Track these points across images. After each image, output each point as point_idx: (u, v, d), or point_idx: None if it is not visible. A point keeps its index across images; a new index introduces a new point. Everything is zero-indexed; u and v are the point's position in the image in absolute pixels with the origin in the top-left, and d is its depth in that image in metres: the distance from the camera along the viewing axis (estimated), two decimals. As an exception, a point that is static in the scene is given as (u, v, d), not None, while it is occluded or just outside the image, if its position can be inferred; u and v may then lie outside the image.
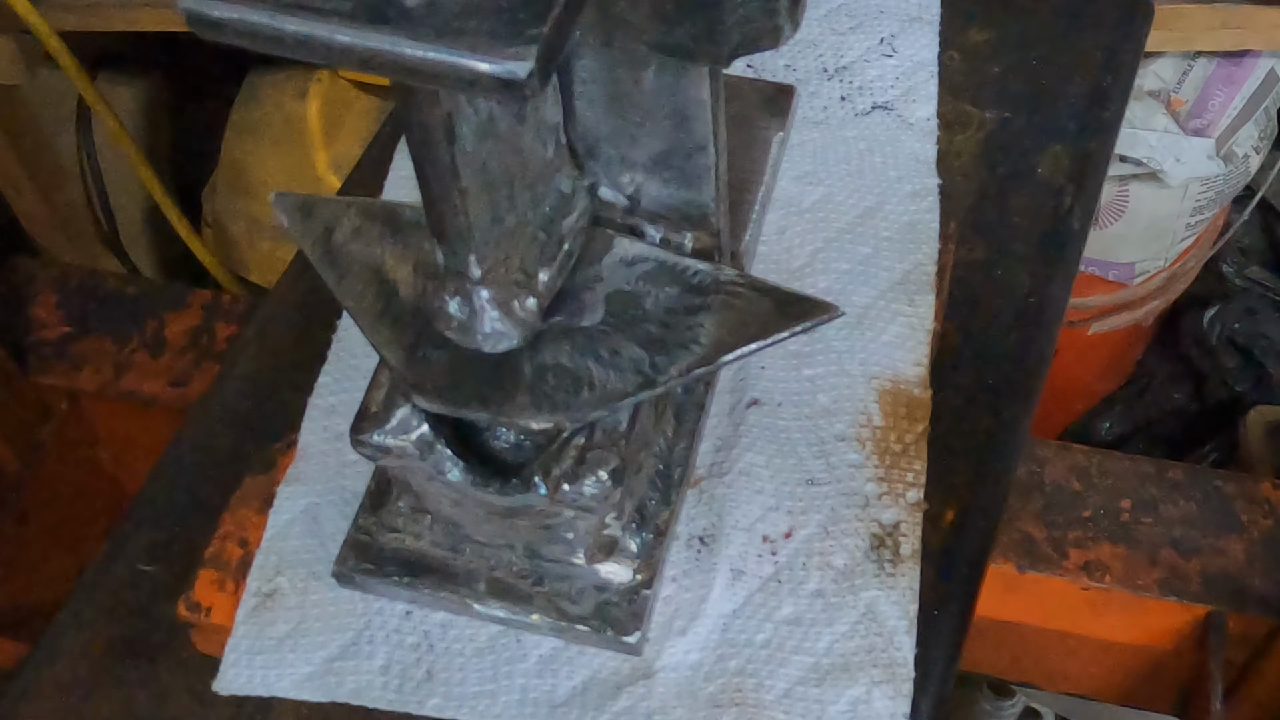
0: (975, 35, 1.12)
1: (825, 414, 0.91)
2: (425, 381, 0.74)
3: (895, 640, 0.83)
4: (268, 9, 0.53)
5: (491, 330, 0.72)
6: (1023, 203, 1.03)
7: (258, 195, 2.02)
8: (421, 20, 0.53)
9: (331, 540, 0.88)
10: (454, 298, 0.71)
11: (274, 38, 0.54)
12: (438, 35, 0.52)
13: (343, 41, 0.53)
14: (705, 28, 0.69)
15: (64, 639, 0.91)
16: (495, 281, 0.70)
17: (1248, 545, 1.27)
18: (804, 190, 1.01)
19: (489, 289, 0.70)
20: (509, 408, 0.73)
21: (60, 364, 1.43)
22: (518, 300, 0.72)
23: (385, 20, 0.53)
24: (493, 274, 0.70)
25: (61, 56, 1.79)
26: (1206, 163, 1.88)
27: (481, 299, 0.71)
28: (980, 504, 0.90)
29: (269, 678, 0.85)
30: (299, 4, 0.53)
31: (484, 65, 0.52)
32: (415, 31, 0.52)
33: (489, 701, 0.83)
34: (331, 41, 0.53)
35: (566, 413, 0.73)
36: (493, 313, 0.71)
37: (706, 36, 0.69)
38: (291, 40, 0.53)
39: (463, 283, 0.70)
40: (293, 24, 0.53)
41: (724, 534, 0.87)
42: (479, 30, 0.52)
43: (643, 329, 0.76)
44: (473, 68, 0.52)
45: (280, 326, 1.02)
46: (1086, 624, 1.29)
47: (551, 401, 0.73)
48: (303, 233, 0.80)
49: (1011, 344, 0.96)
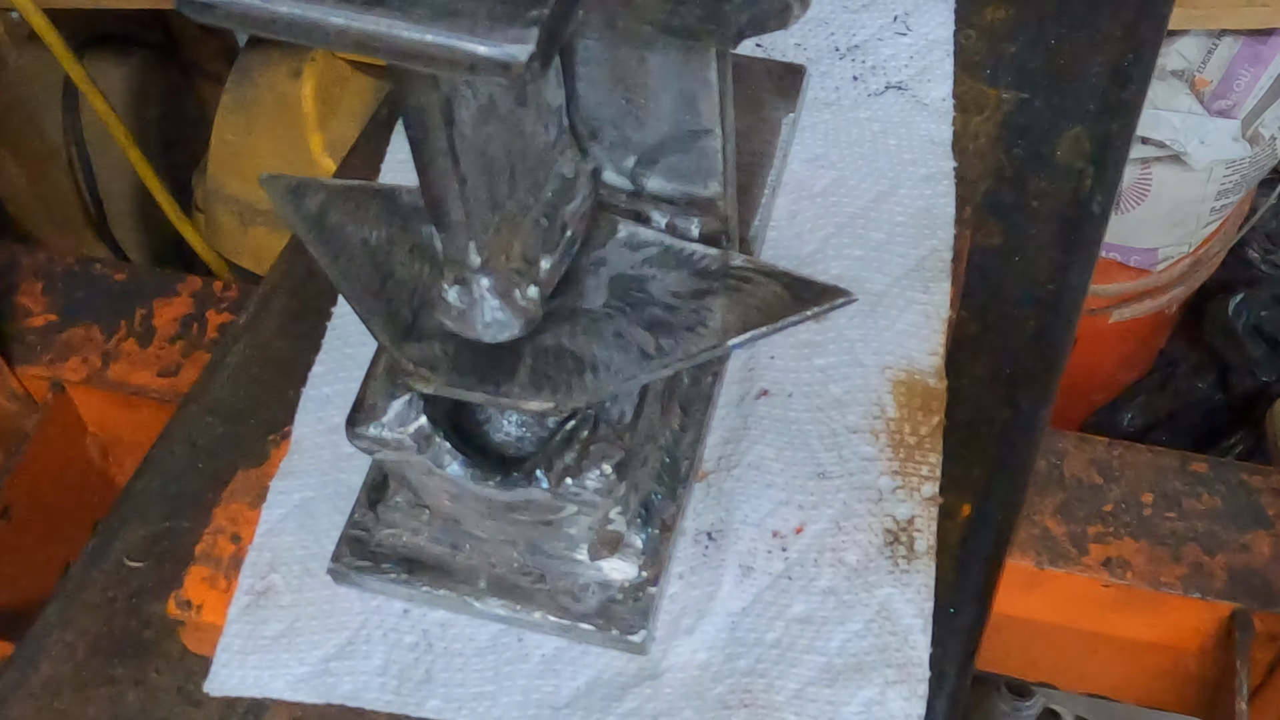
0: (992, 12, 1.12)
1: (837, 405, 0.91)
2: (421, 363, 0.74)
3: (910, 639, 0.83)
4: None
5: (492, 319, 0.72)
6: (1041, 186, 1.03)
7: (250, 178, 2.02)
8: (418, 1, 0.53)
9: (327, 536, 0.88)
10: (453, 286, 0.71)
11: (267, 20, 0.54)
12: (435, 16, 0.52)
13: (337, 23, 0.53)
14: (712, 7, 0.69)
15: (50, 637, 0.91)
16: (495, 269, 0.71)
17: (1274, 541, 1.27)
18: (815, 174, 1.01)
19: (489, 277, 0.70)
20: (508, 388, 0.73)
21: (46, 354, 1.43)
22: (519, 289, 0.72)
23: (381, 1, 0.53)
24: (493, 262, 0.70)
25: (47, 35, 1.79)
26: (1232, 144, 1.88)
27: (481, 287, 0.71)
28: (997, 498, 0.90)
29: (262, 678, 0.86)
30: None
31: (482, 48, 0.52)
32: (412, 13, 0.52)
33: (490, 703, 0.83)
34: (326, 23, 0.53)
35: (568, 394, 0.73)
36: (493, 301, 0.71)
37: (713, 17, 0.69)
38: (285, 22, 0.53)
39: (462, 271, 0.70)
40: (286, 5, 0.53)
41: (732, 529, 0.87)
42: (477, 11, 0.52)
43: (648, 312, 0.76)
44: (471, 50, 0.52)
45: (273, 315, 1.02)
46: (1107, 622, 1.29)
47: (552, 383, 0.73)
48: (295, 214, 0.80)
49: (1029, 332, 0.96)
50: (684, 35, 0.72)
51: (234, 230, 2.07)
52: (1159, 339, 2.44)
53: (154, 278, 1.47)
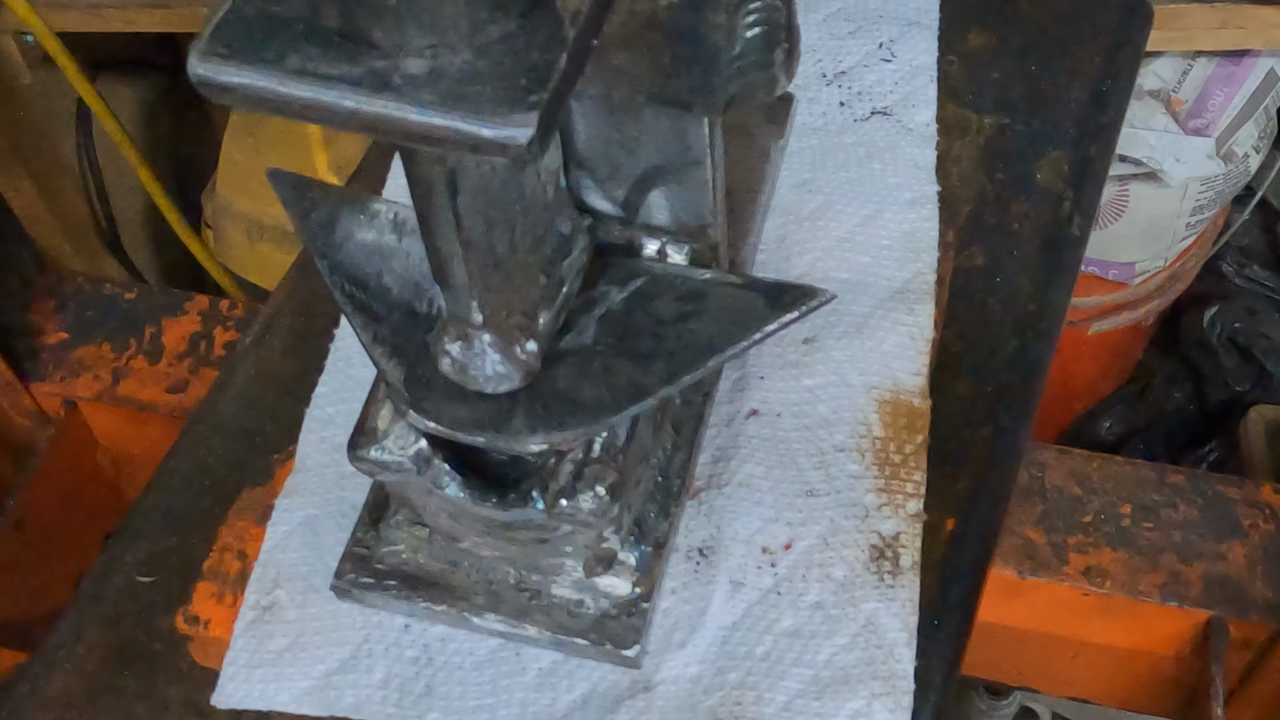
0: (974, 40, 1.12)
1: (825, 424, 0.91)
2: (423, 403, 0.74)
3: (895, 652, 0.82)
4: (275, 75, 0.54)
5: (493, 373, 0.72)
6: (1022, 209, 1.03)
7: (258, 196, 2.02)
8: (425, 85, 0.53)
9: (330, 553, 0.88)
10: (456, 341, 0.72)
11: (281, 103, 0.55)
12: (441, 101, 0.53)
13: (348, 107, 0.54)
14: (702, 81, 0.70)
15: (62, 649, 0.91)
16: (497, 326, 0.71)
17: (1249, 550, 1.27)
18: (803, 198, 1.01)
19: (490, 333, 0.71)
20: (506, 432, 0.73)
21: (58, 371, 1.43)
22: (519, 344, 0.72)
23: (390, 86, 0.54)
24: (494, 318, 0.71)
25: (61, 58, 1.79)
26: (1206, 162, 1.88)
27: (483, 343, 0.71)
28: (980, 514, 0.90)
29: (267, 691, 0.85)
30: (305, 70, 0.54)
31: (486, 130, 0.53)
32: (419, 97, 0.53)
33: (488, 715, 0.83)
34: (338, 107, 0.54)
35: (561, 433, 0.73)
36: (494, 356, 0.72)
37: (703, 89, 0.70)
38: (299, 105, 0.54)
39: (464, 328, 0.71)
40: (300, 90, 0.54)
41: (723, 546, 0.87)
42: (481, 95, 0.53)
43: (635, 344, 0.76)
44: (476, 133, 0.53)
45: (278, 335, 1.02)
46: (1088, 630, 1.29)
47: (546, 424, 0.73)
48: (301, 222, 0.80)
49: (1011, 352, 0.96)
50: (675, 105, 0.73)
51: (242, 246, 2.07)
52: (1136, 350, 2.45)
53: (163, 297, 1.47)
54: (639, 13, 0.67)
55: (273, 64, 0.55)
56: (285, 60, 0.55)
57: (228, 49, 0.55)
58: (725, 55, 0.69)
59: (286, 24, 0.56)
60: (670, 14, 0.67)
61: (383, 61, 0.54)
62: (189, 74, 0.55)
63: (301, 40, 0.55)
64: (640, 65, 0.70)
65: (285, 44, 0.55)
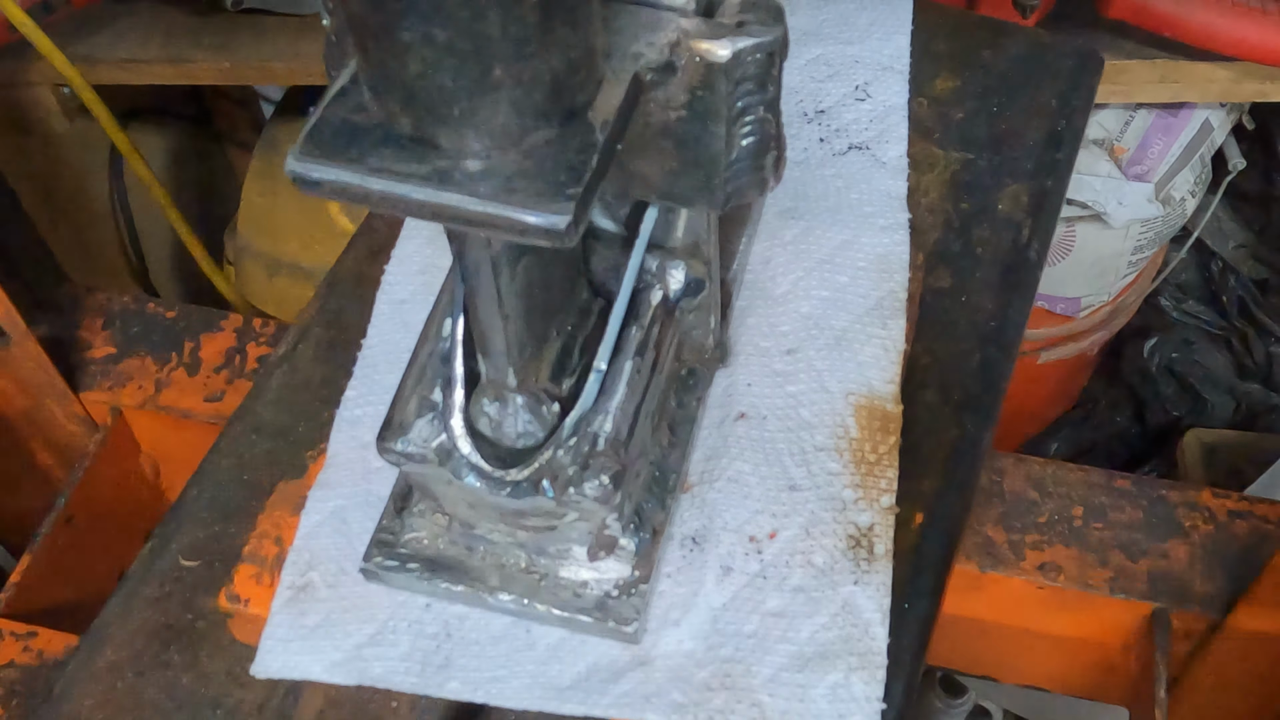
0: (941, 84, 1.13)
1: (806, 426, 0.91)
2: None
3: (870, 631, 0.83)
4: (359, 173, 0.61)
5: (523, 430, 0.78)
6: (985, 235, 1.04)
7: (276, 235, 2.03)
8: (482, 181, 0.61)
9: (359, 539, 0.89)
10: (495, 402, 0.77)
11: (363, 196, 0.62)
12: (495, 194, 0.60)
13: (418, 199, 0.61)
14: (704, 182, 0.73)
15: (112, 627, 0.92)
16: (527, 389, 0.77)
17: (1190, 548, 1.27)
18: (786, 224, 1.02)
19: (522, 396, 0.77)
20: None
21: (106, 381, 1.43)
22: (545, 405, 0.78)
23: (453, 181, 0.60)
24: (526, 383, 0.77)
25: (96, 108, 1.80)
26: (1146, 205, 1.90)
27: (516, 404, 0.78)
28: (946, 509, 0.90)
29: (302, 662, 0.86)
30: (383, 168, 0.61)
31: (532, 218, 0.60)
32: (478, 190, 0.60)
33: (502, 685, 0.83)
34: (410, 198, 0.61)
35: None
36: (525, 416, 0.78)
37: (704, 189, 0.73)
38: (378, 198, 0.61)
39: (501, 390, 0.77)
40: (379, 184, 0.61)
41: (714, 534, 0.87)
42: (528, 189, 0.60)
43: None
44: (524, 220, 0.60)
45: (310, 344, 1.02)
46: (1042, 620, 1.30)
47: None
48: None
49: (975, 364, 0.97)
50: (681, 203, 0.77)
51: (261, 281, 2.07)
52: (1082, 378, 2.46)
53: (201, 315, 1.47)
54: (653, 123, 0.70)
55: (356, 163, 0.61)
56: (366, 160, 0.61)
57: (319, 150, 0.62)
58: (724, 160, 0.71)
59: (367, 131, 0.62)
60: (680, 124, 0.70)
61: (446, 161, 0.61)
62: (286, 171, 0.61)
63: (379, 144, 0.62)
64: (653, 168, 0.73)
65: (366, 147, 0.62)
